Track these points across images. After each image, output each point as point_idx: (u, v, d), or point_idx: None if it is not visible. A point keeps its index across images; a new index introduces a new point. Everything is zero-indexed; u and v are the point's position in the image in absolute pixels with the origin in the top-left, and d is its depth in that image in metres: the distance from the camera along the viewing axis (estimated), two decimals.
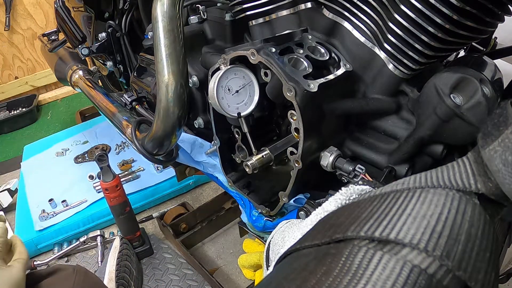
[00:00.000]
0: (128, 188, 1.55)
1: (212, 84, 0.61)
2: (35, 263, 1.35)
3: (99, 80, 1.51)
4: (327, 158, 0.58)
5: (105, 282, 1.08)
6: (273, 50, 0.57)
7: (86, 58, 1.32)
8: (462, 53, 0.84)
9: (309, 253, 0.32)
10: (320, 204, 0.45)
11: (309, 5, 0.63)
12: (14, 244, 0.74)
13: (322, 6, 0.62)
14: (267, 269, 0.56)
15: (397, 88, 0.58)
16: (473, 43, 0.83)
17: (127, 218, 1.24)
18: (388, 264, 0.25)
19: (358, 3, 0.57)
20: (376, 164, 0.60)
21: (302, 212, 0.61)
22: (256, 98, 0.63)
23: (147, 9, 1.05)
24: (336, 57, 0.60)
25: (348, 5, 0.58)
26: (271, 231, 0.59)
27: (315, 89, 0.54)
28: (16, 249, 0.73)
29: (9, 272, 0.66)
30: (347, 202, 0.42)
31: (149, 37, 0.95)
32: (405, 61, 0.55)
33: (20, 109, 2.49)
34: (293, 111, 0.56)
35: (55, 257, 1.38)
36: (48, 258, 1.37)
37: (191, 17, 0.83)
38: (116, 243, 1.20)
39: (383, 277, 0.24)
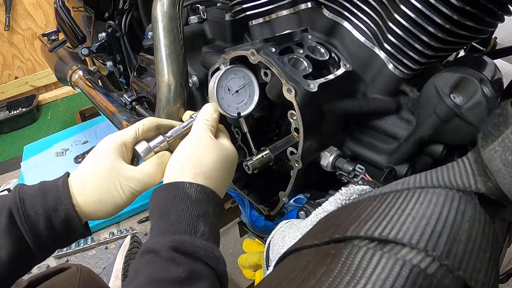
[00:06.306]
0: None
1: (212, 84, 0.60)
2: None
3: (99, 80, 1.51)
4: (327, 158, 0.58)
5: (112, 280, 1.07)
6: (273, 50, 0.57)
7: (86, 58, 1.33)
8: (462, 53, 0.83)
9: (309, 253, 0.32)
10: (320, 204, 0.46)
11: (309, 5, 0.63)
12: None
13: (322, 6, 0.62)
14: (267, 269, 0.56)
15: (397, 88, 0.58)
16: (473, 43, 0.83)
17: None
18: (388, 264, 0.25)
19: (358, 3, 0.57)
20: (376, 164, 0.60)
21: (302, 212, 0.61)
22: (256, 98, 0.63)
23: (147, 9, 1.05)
24: (336, 57, 0.60)
25: (348, 5, 0.58)
26: (271, 231, 0.59)
27: (315, 89, 0.54)
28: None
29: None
30: (347, 202, 0.42)
31: (149, 37, 0.95)
32: (405, 61, 0.55)
33: (20, 109, 2.49)
34: (293, 111, 0.56)
35: (55, 256, 1.38)
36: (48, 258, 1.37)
37: (191, 17, 0.83)
38: (126, 241, 1.19)
39: (382, 276, 0.24)
